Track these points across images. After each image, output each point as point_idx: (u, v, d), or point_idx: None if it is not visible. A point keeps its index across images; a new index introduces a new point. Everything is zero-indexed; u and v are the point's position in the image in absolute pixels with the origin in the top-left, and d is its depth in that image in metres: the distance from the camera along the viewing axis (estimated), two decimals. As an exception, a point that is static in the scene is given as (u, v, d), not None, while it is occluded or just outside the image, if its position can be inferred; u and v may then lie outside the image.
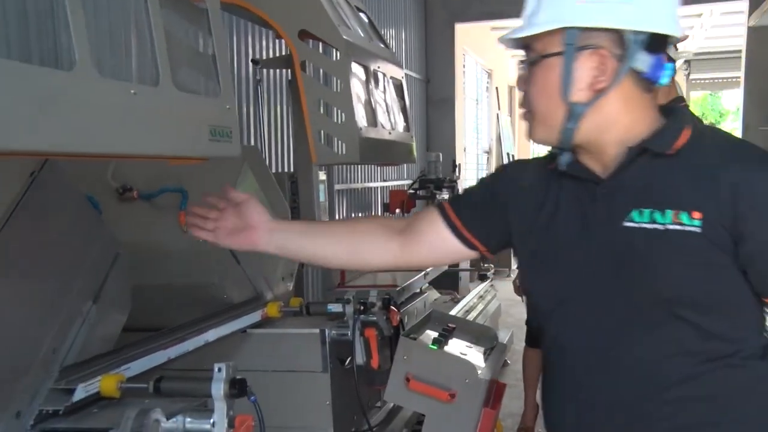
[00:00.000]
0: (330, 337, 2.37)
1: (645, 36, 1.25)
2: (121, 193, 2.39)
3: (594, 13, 1.24)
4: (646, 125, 1.32)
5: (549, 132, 1.35)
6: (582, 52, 1.26)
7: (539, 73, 1.32)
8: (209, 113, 1.46)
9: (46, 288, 1.57)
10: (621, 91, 1.29)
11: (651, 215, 1.27)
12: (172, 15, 1.41)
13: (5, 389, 1.45)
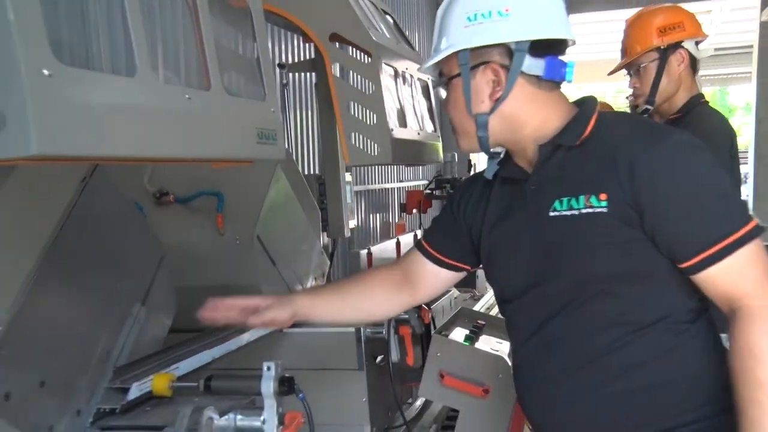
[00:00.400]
0: (365, 336, 2.36)
1: (527, 44, 1.36)
2: (158, 197, 2.39)
3: (476, 34, 1.37)
4: (558, 120, 1.43)
5: (469, 142, 1.47)
6: (476, 69, 1.40)
7: (450, 94, 1.48)
8: (256, 116, 1.47)
9: (98, 291, 1.59)
10: (521, 94, 1.40)
11: (569, 203, 1.37)
12: (220, 23, 1.41)
13: (66, 389, 1.47)
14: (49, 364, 1.43)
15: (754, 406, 1.23)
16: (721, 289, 1.30)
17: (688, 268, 1.31)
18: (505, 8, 1.35)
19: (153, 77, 1.12)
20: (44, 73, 0.91)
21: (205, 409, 1.46)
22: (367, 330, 2.38)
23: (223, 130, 1.34)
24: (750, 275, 1.28)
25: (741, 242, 1.27)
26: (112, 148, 1.05)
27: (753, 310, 1.27)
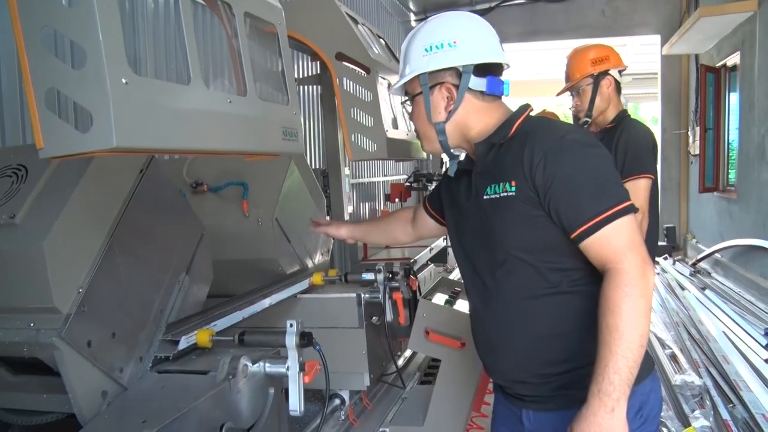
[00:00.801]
0: (364, 300, 2.38)
1: (471, 67, 1.43)
2: (194, 187, 2.39)
3: (432, 61, 1.44)
4: (494, 125, 1.48)
5: (432, 145, 1.54)
6: (434, 88, 1.47)
7: (414, 108, 1.53)
8: (282, 117, 1.47)
9: (153, 263, 1.59)
10: (469, 106, 1.47)
11: (494, 188, 1.42)
12: (254, 43, 1.42)
13: (131, 340, 1.49)
14: (118, 320, 1.45)
15: (603, 346, 1.26)
16: (596, 255, 1.32)
17: (574, 239, 1.34)
18: (453, 41, 1.44)
19: (203, 85, 1.14)
20: (123, 81, 0.94)
21: (241, 358, 1.47)
22: (366, 295, 2.40)
23: (257, 128, 1.35)
24: (615, 245, 1.30)
25: (610, 219, 1.30)
26: (173, 141, 1.07)
27: (614, 272, 1.29)
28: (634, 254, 1.30)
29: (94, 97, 0.92)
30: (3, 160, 1.52)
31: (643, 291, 1.27)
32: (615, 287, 1.28)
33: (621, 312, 1.25)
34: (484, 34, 1.49)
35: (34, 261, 1.28)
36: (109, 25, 0.92)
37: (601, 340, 1.28)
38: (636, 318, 1.26)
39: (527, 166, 1.36)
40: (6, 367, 1.49)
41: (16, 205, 1.37)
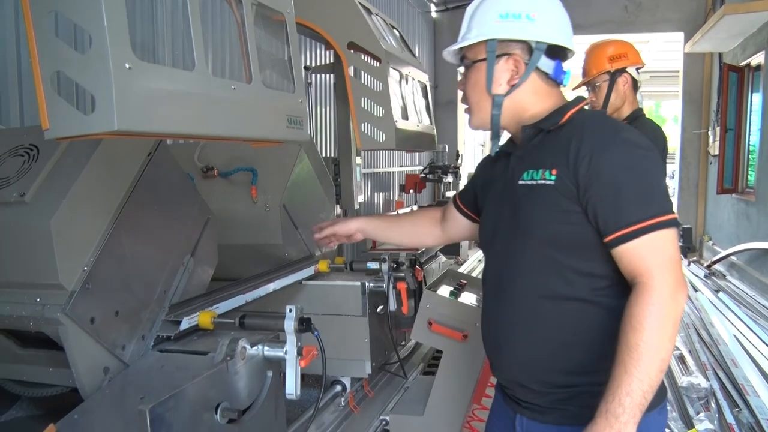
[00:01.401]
0: (369, 289, 2.40)
1: (545, 46, 1.37)
2: (205, 171, 2.42)
3: (507, 29, 1.37)
4: (547, 110, 1.41)
5: (482, 118, 1.45)
6: (501, 57, 1.39)
7: (471, 75, 1.44)
8: (287, 105, 1.48)
9: (158, 244, 1.62)
10: (531, 86, 1.40)
11: (531, 174, 1.37)
12: (261, 31, 1.44)
13: (134, 319, 1.53)
14: (122, 299, 1.48)
15: (619, 364, 1.19)
16: (628, 264, 1.25)
17: (608, 243, 1.26)
18: (533, 14, 1.36)
19: (207, 72, 1.17)
20: (126, 66, 0.96)
21: (240, 340, 1.50)
22: (370, 284, 2.42)
23: (261, 115, 1.36)
24: (652, 258, 1.22)
25: (651, 228, 1.23)
26: (174, 126, 1.10)
27: (644, 287, 1.22)
28: (669, 272, 1.22)
29: (98, 81, 0.95)
30: (17, 139, 1.56)
31: (671, 312, 1.20)
32: (642, 303, 1.20)
33: (644, 330, 1.18)
34: (562, 14, 1.42)
35: (42, 238, 1.32)
36: (113, 11, 0.94)
37: (618, 357, 1.21)
38: (659, 340, 1.18)
39: (572, 157, 1.29)
40: (14, 339, 1.53)
41: (26, 184, 1.41)
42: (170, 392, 1.27)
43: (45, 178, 1.40)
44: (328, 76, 4.56)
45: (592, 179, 1.26)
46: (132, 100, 0.98)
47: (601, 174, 1.26)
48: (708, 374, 3.97)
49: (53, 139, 1.00)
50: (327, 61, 3.91)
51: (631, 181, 1.26)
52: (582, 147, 1.29)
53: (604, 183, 1.26)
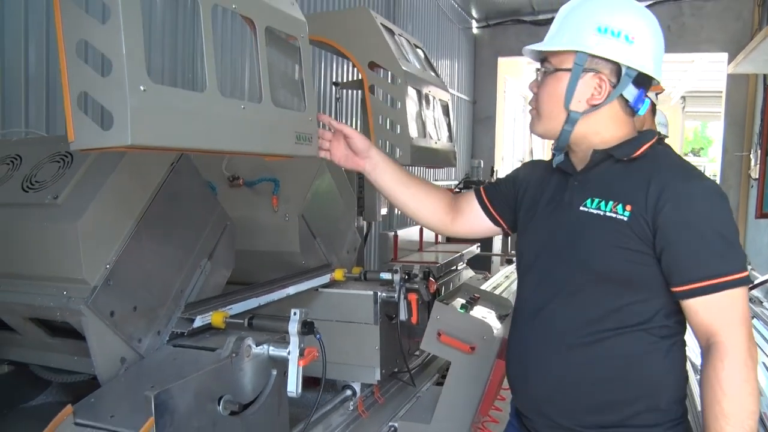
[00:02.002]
0: (381, 299, 2.47)
1: (635, 73, 1.31)
2: (231, 180, 2.53)
3: (602, 45, 1.30)
4: (619, 138, 1.37)
5: (549, 129, 1.39)
6: (587, 73, 1.32)
7: (550, 82, 1.37)
8: (296, 123, 1.58)
9: (177, 247, 1.75)
10: (610, 109, 1.35)
11: (599, 204, 1.31)
12: (274, 53, 1.56)
13: (151, 315, 1.65)
14: (140, 296, 1.61)
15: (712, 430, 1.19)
16: (701, 320, 1.24)
17: (679, 292, 1.25)
18: (632, 36, 1.29)
19: (217, 92, 1.29)
20: (141, 88, 1.09)
21: (246, 339, 1.61)
22: (382, 294, 2.50)
23: (269, 132, 1.46)
24: (729, 315, 1.21)
25: (729, 285, 1.21)
26: (184, 141, 1.22)
27: (726, 348, 1.20)
28: (746, 330, 1.22)
29: (116, 102, 1.07)
30: (55, 146, 1.73)
31: (755, 372, 1.19)
32: (730, 368, 1.19)
33: (738, 396, 1.18)
34: (659, 42, 1.34)
35: (70, 237, 1.47)
36: (131, 41, 1.07)
37: (710, 425, 1.20)
38: (752, 403, 1.18)
39: (653, 199, 1.25)
40: (44, 329, 1.68)
41: (60, 188, 1.56)
42: (175, 381, 1.39)
43: (76, 183, 1.55)
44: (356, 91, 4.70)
45: (673, 226, 1.23)
46: (145, 119, 1.10)
47: (684, 223, 1.23)
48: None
49: (77, 150, 1.14)
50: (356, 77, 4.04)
51: (714, 233, 1.23)
52: (665, 190, 1.25)
53: (686, 232, 1.23)
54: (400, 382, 2.93)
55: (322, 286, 2.54)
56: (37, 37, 2.66)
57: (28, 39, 2.69)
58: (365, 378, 2.55)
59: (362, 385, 2.60)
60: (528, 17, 9.66)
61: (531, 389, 1.42)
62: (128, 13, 1.07)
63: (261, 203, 2.51)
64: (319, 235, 2.61)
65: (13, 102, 2.65)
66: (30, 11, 2.69)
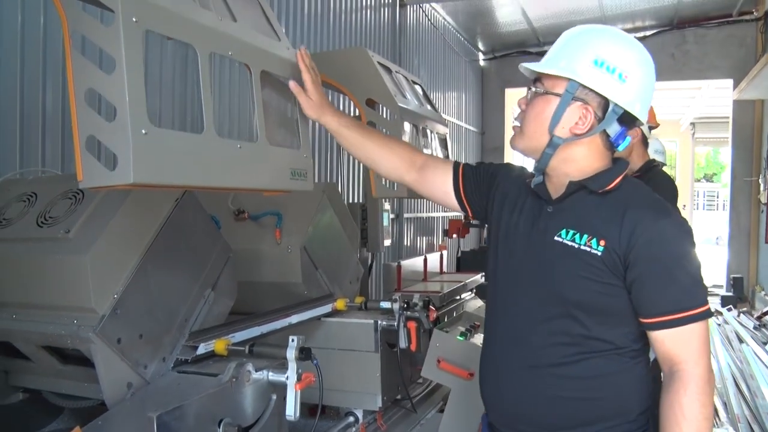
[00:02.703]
0: (381, 327, 2.53)
1: (622, 111, 1.35)
2: (237, 214, 2.65)
3: (595, 78, 1.33)
4: (595, 170, 1.41)
5: (529, 147, 1.43)
6: (576, 101, 1.35)
7: (539, 103, 1.40)
8: (291, 160, 1.69)
9: (182, 278, 1.84)
10: (591, 141, 1.39)
11: (573, 236, 1.37)
12: (268, 94, 1.68)
13: (157, 342, 1.74)
14: (146, 324, 1.69)
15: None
16: (666, 349, 1.31)
17: (647, 323, 1.32)
18: (626, 75, 1.32)
19: (214, 134, 1.40)
20: (142, 132, 1.21)
21: (245, 364, 1.69)
22: (383, 323, 2.56)
23: (264, 169, 1.57)
24: (691, 346, 1.29)
25: (694, 319, 1.29)
26: (183, 179, 1.33)
27: (687, 376, 1.28)
28: (706, 361, 1.30)
29: (120, 144, 1.19)
30: (68, 184, 1.85)
31: (711, 400, 1.30)
32: (690, 395, 1.27)
33: (696, 421, 1.26)
34: (651, 84, 1.39)
35: (80, 269, 1.57)
36: (134, 90, 1.19)
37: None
38: (708, 428, 1.27)
39: (626, 235, 1.30)
40: (56, 356, 1.78)
41: (72, 222, 1.68)
42: (177, 404, 1.48)
43: (87, 218, 1.67)
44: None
45: (644, 262, 1.30)
46: (147, 159, 1.22)
47: (655, 259, 1.30)
48: (740, 426, 3.89)
49: (86, 188, 1.25)
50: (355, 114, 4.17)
51: (682, 270, 1.31)
52: (638, 227, 1.30)
53: (656, 268, 1.30)
54: (402, 409, 2.98)
55: (324, 315, 2.61)
56: (54, 82, 2.83)
57: (46, 84, 2.86)
58: (367, 405, 2.60)
59: (365, 412, 2.65)
60: (534, 48, 9.85)
61: (507, 408, 1.48)
62: (131, 65, 1.19)
63: (264, 236, 2.61)
64: (321, 266, 2.70)
65: (30, 143, 2.81)
66: (48, 57, 2.87)
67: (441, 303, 3.60)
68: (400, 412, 2.96)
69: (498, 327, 1.51)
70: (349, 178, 5.37)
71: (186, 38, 1.35)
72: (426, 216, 8.08)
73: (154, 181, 1.24)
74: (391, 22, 6.79)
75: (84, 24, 1.23)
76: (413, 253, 7.16)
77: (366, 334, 2.56)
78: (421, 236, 7.95)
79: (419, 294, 3.00)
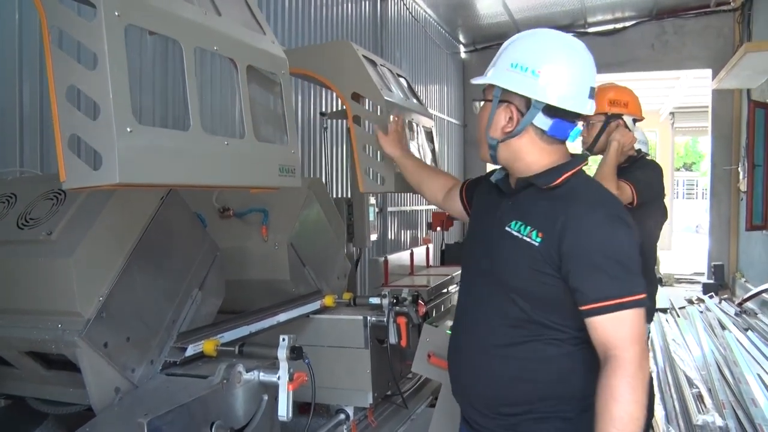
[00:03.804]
0: (370, 323, 2.52)
1: (543, 104, 1.43)
2: (221, 212, 2.61)
3: (511, 79, 1.45)
4: (544, 165, 1.50)
5: (482, 152, 1.59)
6: (502, 104, 1.48)
7: (482, 112, 1.55)
8: (279, 156, 1.66)
9: (168, 278, 1.80)
10: (527, 137, 1.49)
11: (519, 227, 1.46)
12: (256, 90, 1.65)
13: (144, 345, 1.70)
14: (133, 326, 1.66)
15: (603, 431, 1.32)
16: (599, 335, 1.37)
17: (581, 311, 1.38)
18: (538, 70, 1.41)
19: (201, 130, 1.37)
20: (127, 130, 1.18)
21: (236, 365, 1.66)
22: (372, 318, 2.54)
23: (252, 166, 1.54)
24: (622, 333, 1.35)
25: (623, 306, 1.35)
26: (170, 178, 1.30)
27: (618, 360, 1.33)
28: (638, 346, 1.35)
29: (104, 143, 1.15)
30: (48, 184, 1.80)
31: (643, 383, 1.34)
32: (620, 378, 1.32)
33: (625, 402, 1.31)
34: (572, 75, 1.44)
35: (64, 272, 1.53)
36: (118, 87, 1.16)
37: (601, 425, 1.33)
38: (638, 410, 1.32)
39: (559, 229, 1.39)
40: (40, 362, 1.74)
41: (54, 224, 1.63)
42: (168, 408, 1.45)
43: (69, 219, 1.62)
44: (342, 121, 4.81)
45: (576, 252, 1.38)
46: (132, 158, 1.18)
47: (585, 249, 1.37)
48: (725, 413, 3.94)
49: (69, 189, 1.21)
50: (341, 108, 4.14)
51: (611, 260, 1.37)
52: (569, 220, 1.39)
53: (585, 259, 1.37)
54: (393, 405, 2.97)
55: (313, 312, 2.59)
56: (31, 79, 2.76)
57: (23, 81, 2.79)
58: (358, 402, 2.59)
59: (355, 409, 2.64)
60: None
61: (464, 388, 1.61)
62: (114, 60, 1.15)
63: (251, 233, 2.57)
64: (309, 262, 2.67)
65: (7, 142, 2.74)
66: (24, 54, 2.80)
67: (429, 297, 3.59)
68: (391, 408, 2.95)
69: (459, 311, 1.64)
70: (335, 174, 5.34)
71: (170, 33, 1.31)
72: (410, 209, 8.07)
73: (140, 180, 1.20)
74: (373, 15, 6.75)
75: (64, 19, 1.19)
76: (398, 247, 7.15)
77: (355, 331, 2.54)
78: (406, 230, 7.94)
79: (407, 288, 2.99)
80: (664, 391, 4.58)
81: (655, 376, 4.69)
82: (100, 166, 1.17)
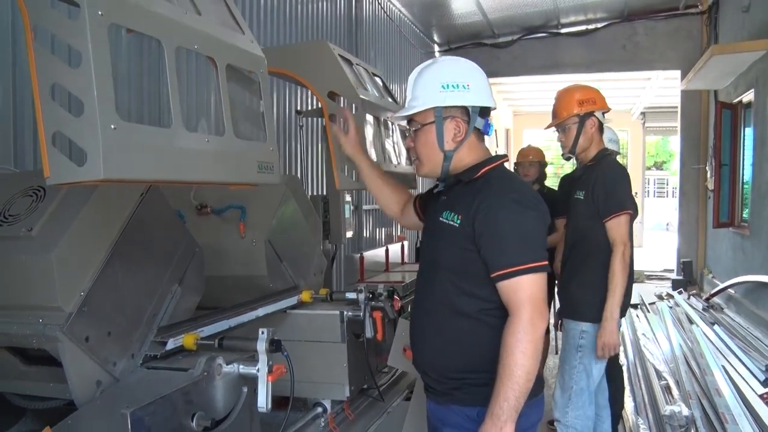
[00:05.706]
0: (347, 318, 2.57)
1: (478, 108, 1.74)
2: (199, 209, 2.64)
3: (450, 97, 1.72)
4: (472, 162, 1.78)
5: (432, 169, 1.81)
6: (446, 120, 1.74)
7: (422, 135, 1.78)
8: (258, 153, 1.71)
9: (148, 273, 1.84)
10: (468, 140, 1.77)
11: (447, 215, 1.74)
12: (235, 88, 1.69)
13: (125, 339, 1.74)
14: (114, 321, 1.69)
15: (498, 379, 1.58)
16: (504, 297, 1.64)
17: (492, 277, 1.64)
18: (467, 84, 1.72)
19: (182, 127, 1.41)
20: (111, 127, 1.21)
21: (216, 358, 1.70)
22: (348, 313, 2.59)
23: (232, 162, 1.59)
24: (520, 295, 1.61)
25: (519, 273, 1.61)
26: (153, 174, 1.34)
27: (514, 318, 1.61)
28: (532, 307, 1.61)
29: (89, 140, 1.19)
30: (27, 181, 1.82)
31: (532, 338, 1.59)
32: (512, 333, 1.60)
33: (514, 353, 1.57)
34: (486, 82, 1.79)
35: (45, 268, 1.56)
36: (102, 83, 1.19)
37: (498, 372, 1.59)
38: (524, 359, 1.57)
39: (473, 211, 1.68)
40: (19, 357, 1.76)
41: (34, 220, 1.65)
42: (150, 400, 1.48)
43: (50, 215, 1.65)
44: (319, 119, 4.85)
45: (484, 228, 1.66)
46: (116, 154, 1.22)
47: (491, 225, 1.65)
48: (691, 403, 4.08)
49: (53, 185, 1.24)
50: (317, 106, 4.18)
51: (513, 231, 1.65)
52: (481, 204, 1.67)
53: (492, 232, 1.65)
54: (370, 398, 3.03)
55: (290, 307, 2.63)
56: (3, 76, 2.75)
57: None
58: (335, 395, 2.63)
59: (333, 402, 2.69)
60: (488, 40, 9.99)
61: (417, 359, 1.89)
62: (98, 58, 1.19)
63: (228, 230, 2.61)
64: (286, 258, 2.71)
65: (-20, 140, 2.73)
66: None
67: (404, 292, 3.65)
68: (368, 401, 3.01)
69: (415, 296, 1.92)
70: (311, 171, 5.36)
71: (152, 32, 1.35)
72: (385, 207, 8.13)
73: (124, 176, 1.24)
74: (348, 14, 6.79)
75: (47, 17, 1.22)
76: (373, 245, 7.20)
77: (332, 325, 2.59)
78: (381, 227, 7.99)
79: (383, 284, 3.05)
80: (634, 383, 4.71)
81: (626, 369, 4.82)
82: (84, 162, 1.21)
